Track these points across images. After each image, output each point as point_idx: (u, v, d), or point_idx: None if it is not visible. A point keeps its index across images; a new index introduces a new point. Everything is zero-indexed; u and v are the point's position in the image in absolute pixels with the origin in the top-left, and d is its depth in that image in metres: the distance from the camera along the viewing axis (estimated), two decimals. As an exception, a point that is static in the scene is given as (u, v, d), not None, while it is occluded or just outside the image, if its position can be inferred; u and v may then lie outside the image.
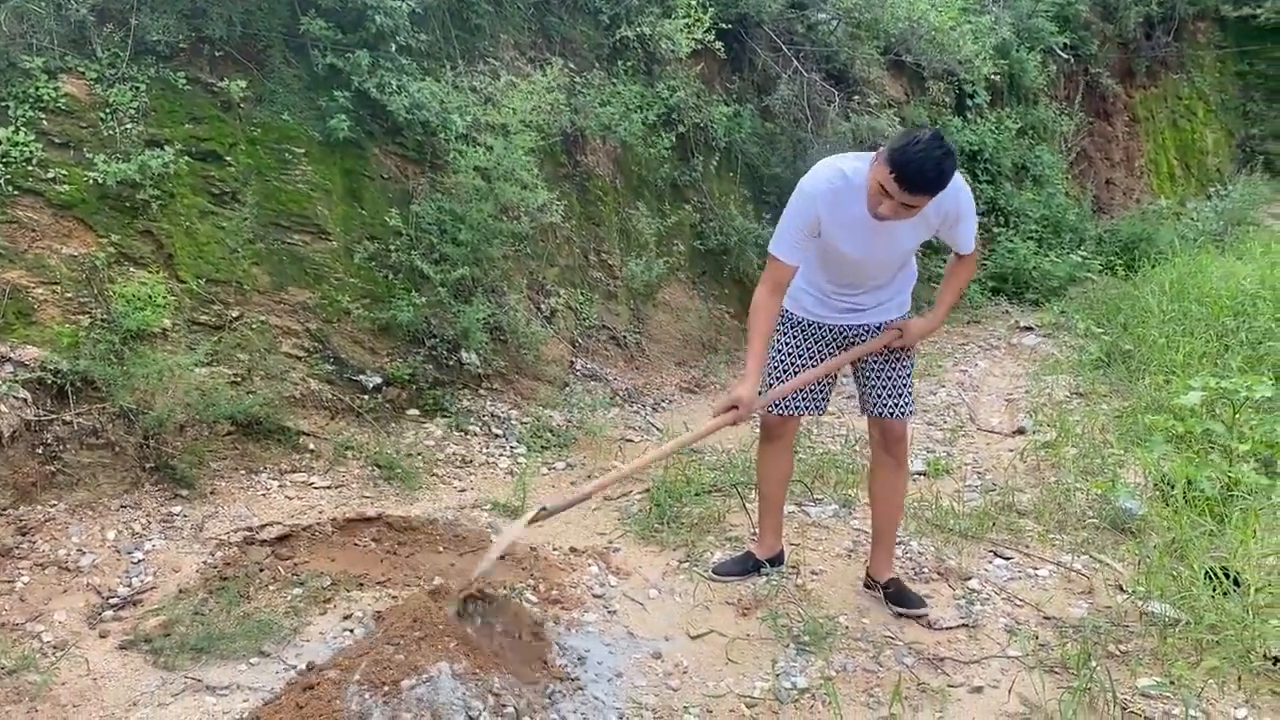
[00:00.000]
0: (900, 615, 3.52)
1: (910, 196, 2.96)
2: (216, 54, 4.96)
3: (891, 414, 3.52)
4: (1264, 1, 13.82)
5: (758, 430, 3.81)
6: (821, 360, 3.51)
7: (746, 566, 3.78)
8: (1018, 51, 10.03)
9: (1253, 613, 3.30)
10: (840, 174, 3.16)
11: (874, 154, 3.09)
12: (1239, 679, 3.09)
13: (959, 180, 3.14)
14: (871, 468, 3.70)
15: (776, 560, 3.80)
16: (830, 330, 3.52)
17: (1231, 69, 14.71)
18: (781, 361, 3.56)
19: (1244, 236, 10.47)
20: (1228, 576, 3.50)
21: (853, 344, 3.52)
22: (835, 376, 3.63)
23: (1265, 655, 3.17)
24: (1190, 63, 13.82)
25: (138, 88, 4.65)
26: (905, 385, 3.54)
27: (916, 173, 2.91)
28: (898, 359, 3.52)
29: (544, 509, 3.08)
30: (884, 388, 3.51)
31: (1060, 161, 10.49)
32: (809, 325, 3.54)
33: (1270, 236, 10.22)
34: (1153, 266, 8.86)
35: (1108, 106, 12.19)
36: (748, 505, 4.32)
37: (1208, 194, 12.58)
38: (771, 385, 3.52)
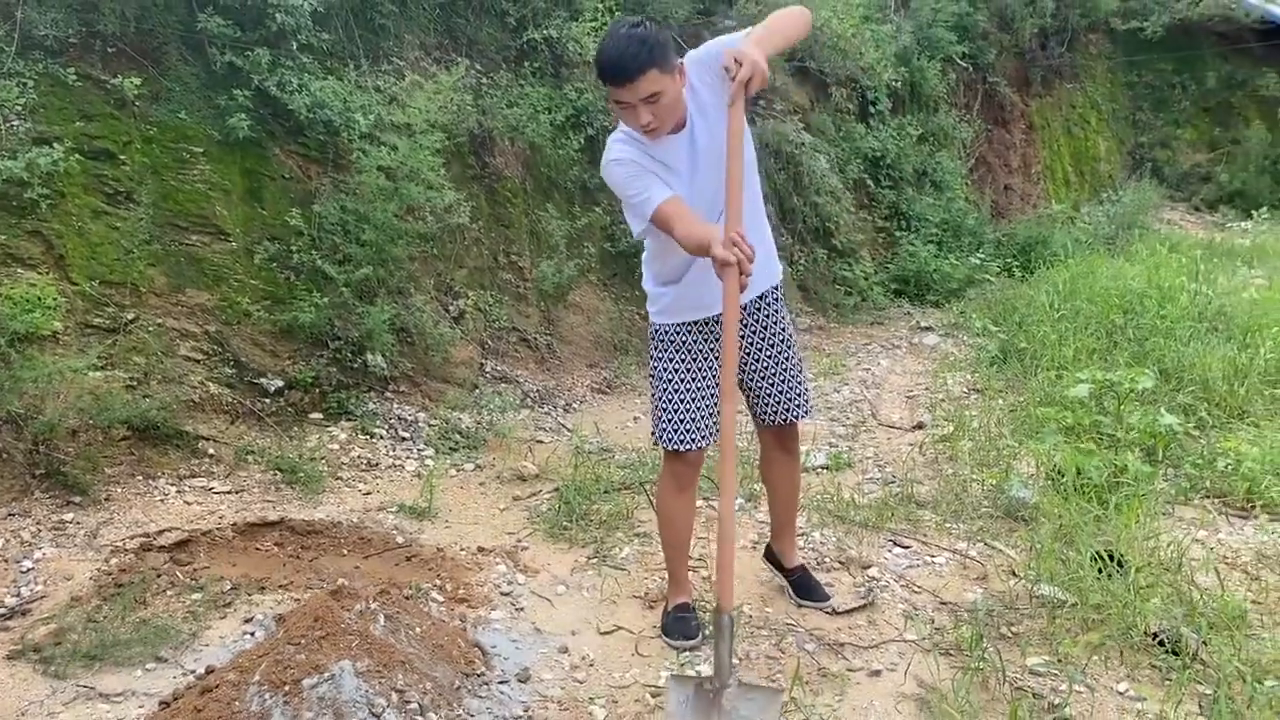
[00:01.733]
0: (802, 606, 3.58)
1: (628, 87, 2.79)
2: (109, 50, 4.84)
3: (793, 418, 3.39)
4: (1150, 16, 14.43)
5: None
6: (712, 364, 3.21)
7: (691, 621, 3.39)
8: (918, 60, 10.32)
9: (1135, 592, 3.45)
10: (621, 132, 3.00)
11: None
12: (1121, 654, 3.23)
13: (701, 49, 3.00)
14: (766, 461, 3.59)
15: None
16: (704, 325, 3.21)
17: (1121, 80, 15.32)
18: (670, 392, 3.21)
19: (1134, 239, 10.92)
20: (1112, 559, 3.65)
21: (745, 340, 3.27)
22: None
23: (1146, 632, 3.31)
24: (1083, 73, 14.35)
25: (25, 84, 4.51)
26: (798, 380, 3.36)
27: (607, 60, 2.79)
28: (783, 354, 3.31)
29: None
30: (778, 390, 3.33)
31: (960, 167, 10.81)
32: (687, 330, 3.21)
33: (1157, 239, 10.67)
34: (1048, 268, 9.18)
35: (1005, 114, 12.60)
36: (655, 502, 4.36)
37: (1100, 199, 13.07)
38: (671, 420, 3.21)
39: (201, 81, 5.10)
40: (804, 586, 3.63)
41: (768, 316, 3.30)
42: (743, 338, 3.26)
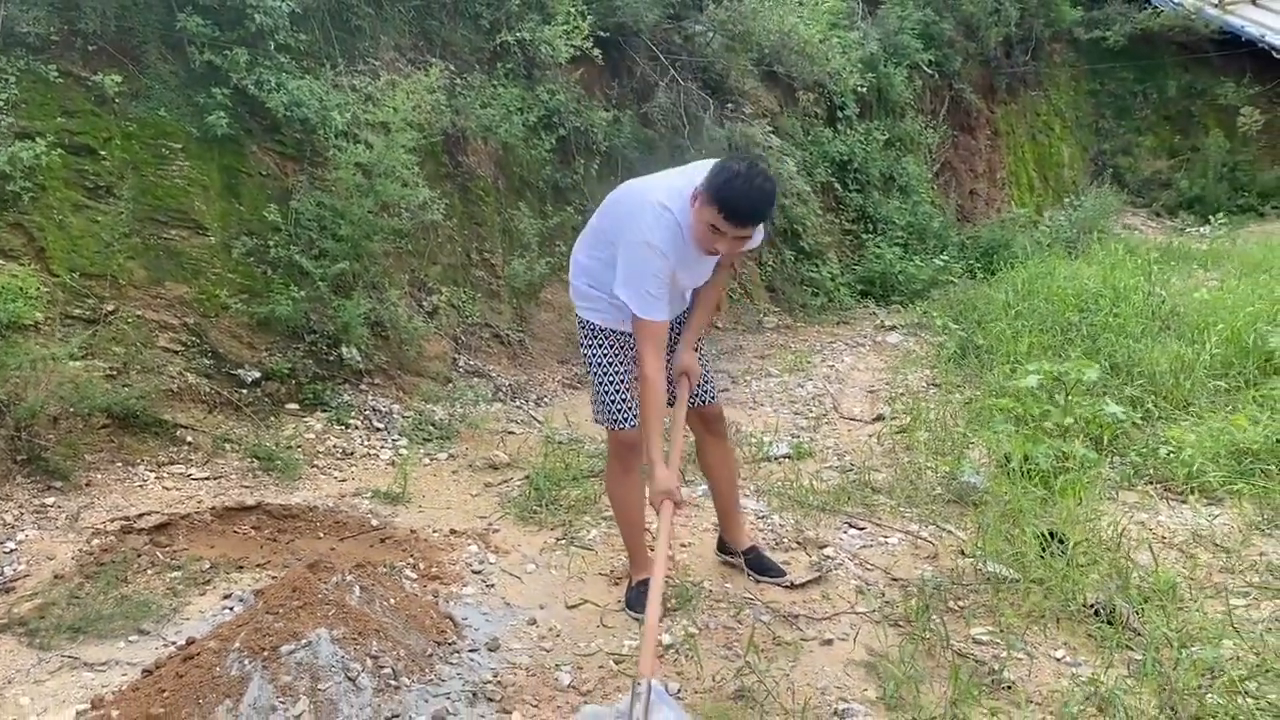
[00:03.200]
0: (760, 583, 3.75)
1: (743, 230, 3.03)
2: (90, 48, 4.95)
3: (706, 400, 3.66)
4: (1113, 25, 14.77)
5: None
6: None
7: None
8: (885, 66, 10.54)
9: (1074, 566, 3.65)
10: (676, 224, 3.15)
11: (686, 186, 3.14)
12: (1059, 623, 3.42)
13: None
14: (700, 449, 3.81)
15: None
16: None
17: (1085, 88, 15.66)
18: (613, 377, 3.46)
19: (1093, 243, 11.19)
20: (1054, 538, 3.85)
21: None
22: None
23: (1083, 604, 3.51)
24: (1047, 81, 14.66)
25: (7, 80, 4.62)
26: (708, 373, 3.68)
27: (747, 207, 2.97)
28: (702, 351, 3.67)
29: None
30: (702, 378, 3.63)
31: (925, 172, 11.04)
32: (618, 334, 3.43)
33: (1116, 242, 10.94)
34: (1009, 270, 9.42)
35: (971, 121, 12.86)
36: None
37: (1063, 204, 13.36)
38: (614, 403, 3.45)
39: (181, 80, 5.22)
40: (759, 564, 3.80)
41: (675, 327, 3.54)
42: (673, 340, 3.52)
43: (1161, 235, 13.33)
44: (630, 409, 3.44)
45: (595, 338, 3.49)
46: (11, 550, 3.81)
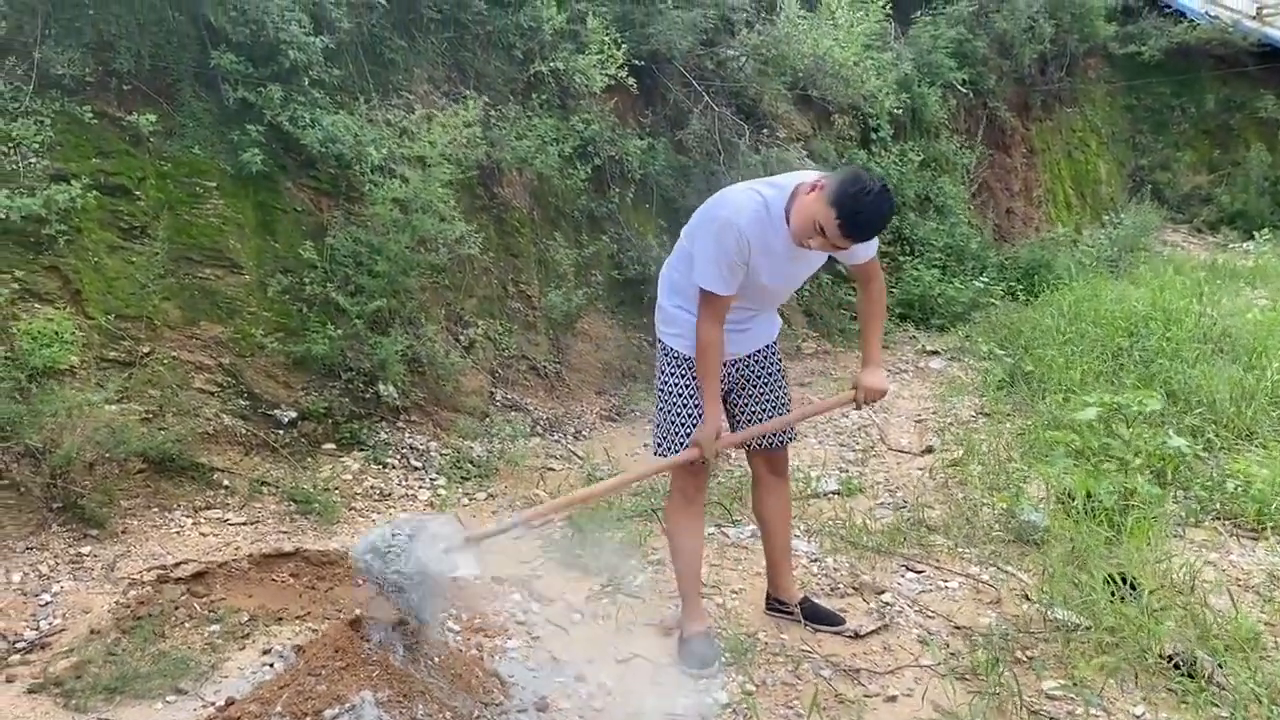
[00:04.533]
0: (818, 632, 3.60)
1: (846, 241, 2.99)
2: (125, 87, 4.91)
3: (778, 443, 3.53)
4: (1148, 40, 14.54)
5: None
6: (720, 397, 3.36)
7: (713, 648, 3.42)
8: (919, 86, 10.39)
9: (1148, 614, 3.47)
10: (763, 204, 3.10)
11: (790, 182, 3.10)
12: (1136, 678, 3.24)
13: None
14: (758, 492, 3.66)
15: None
16: (722, 366, 3.35)
17: (1120, 103, 15.41)
18: (687, 407, 3.35)
19: (1136, 262, 10.97)
20: (1125, 582, 3.67)
21: (740, 373, 3.46)
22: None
23: (1160, 655, 3.33)
24: (1082, 97, 14.44)
25: (42, 122, 4.57)
26: (787, 411, 3.53)
27: (866, 224, 2.93)
28: (774, 381, 3.52)
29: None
30: (766, 418, 3.47)
31: (962, 192, 10.86)
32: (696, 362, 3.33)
33: (1160, 262, 10.72)
34: (1052, 291, 9.22)
35: (1006, 139, 12.67)
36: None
37: (1102, 222, 13.13)
38: (681, 434, 3.34)
39: (215, 117, 5.17)
40: (815, 613, 3.65)
41: (766, 359, 3.53)
42: (743, 376, 3.49)
43: (1204, 252, 13.06)
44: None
45: (675, 364, 3.40)
46: (48, 603, 3.73)
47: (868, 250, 3.32)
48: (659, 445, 3.46)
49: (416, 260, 5.42)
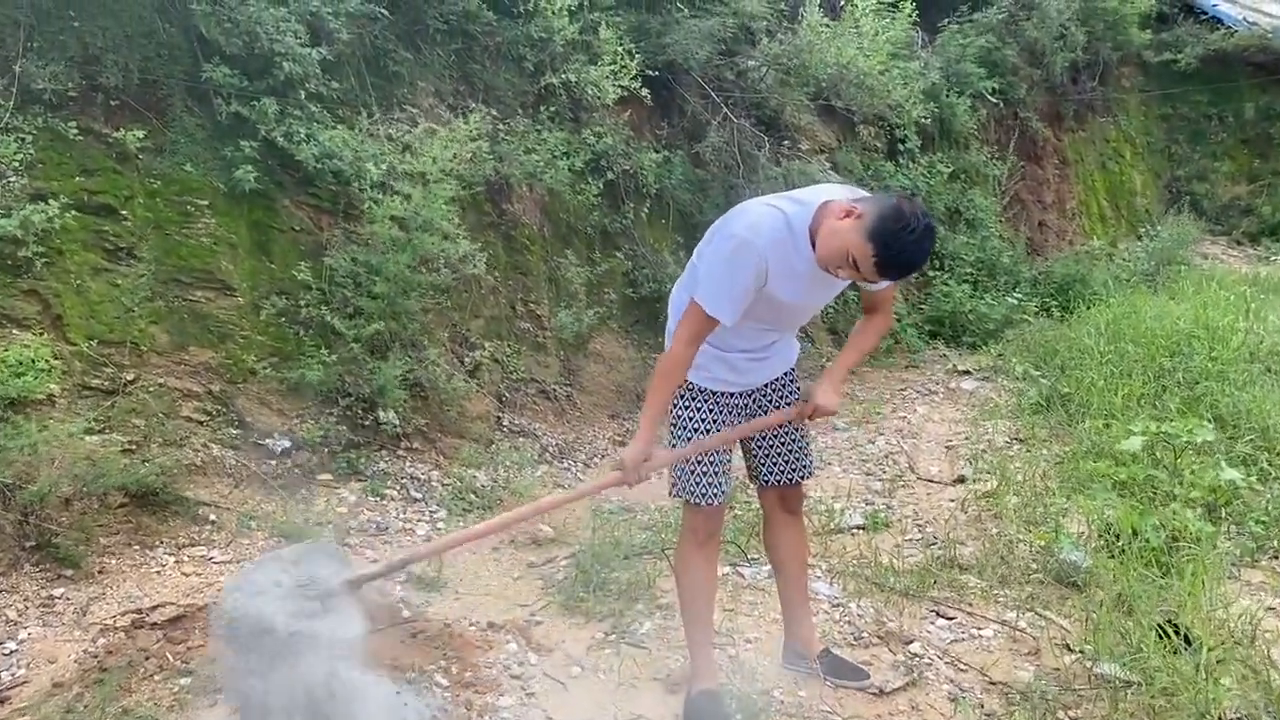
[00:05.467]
0: (839, 688, 3.29)
1: (884, 280, 2.76)
2: (112, 103, 4.71)
3: (795, 479, 3.25)
4: (1184, 47, 14.14)
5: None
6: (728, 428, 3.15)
7: (723, 708, 3.14)
8: (947, 96, 10.08)
9: (1206, 673, 3.13)
10: (785, 223, 2.79)
11: (814, 197, 2.82)
12: (1195, 746, 2.92)
13: None
14: (770, 531, 3.37)
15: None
16: (737, 397, 3.15)
17: (1155, 112, 15.00)
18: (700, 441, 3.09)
19: (1175, 276, 10.56)
20: (1177, 632, 3.34)
21: (757, 404, 3.20)
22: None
23: (1221, 719, 3.00)
24: (1116, 106, 14.05)
25: (23, 139, 4.38)
26: (806, 444, 3.27)
27: (906, 265, 2.66)
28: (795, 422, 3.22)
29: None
30: (783, 452, 3.21)
31: (993, 205, 10.52)
32: (719, 396, 3.11)
33: (1201, 275, 10.31)
34: (1088, 307, 8.85)
35: (1038, 150, 12.31)
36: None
37: (1138, 234, 12.73)
38: (699, 474, 3.08)
39: (207, 133, 4.96)
40: (836, 667, 3.34)
41: (784, 388, 3.23)
42: (760, 408, 3.21)
43: (1245, 265, 12.61)
44: (718, 484, 3.10)
45: (689, 399, 3.10)
46: (12, 652, 3.49)
47: (876, 288, 3.03)
48: (673, 486, 3.18)
49: (417, 280, 5.18)
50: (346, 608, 2.74)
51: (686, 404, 3.12)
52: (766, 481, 3.26)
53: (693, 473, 3.09)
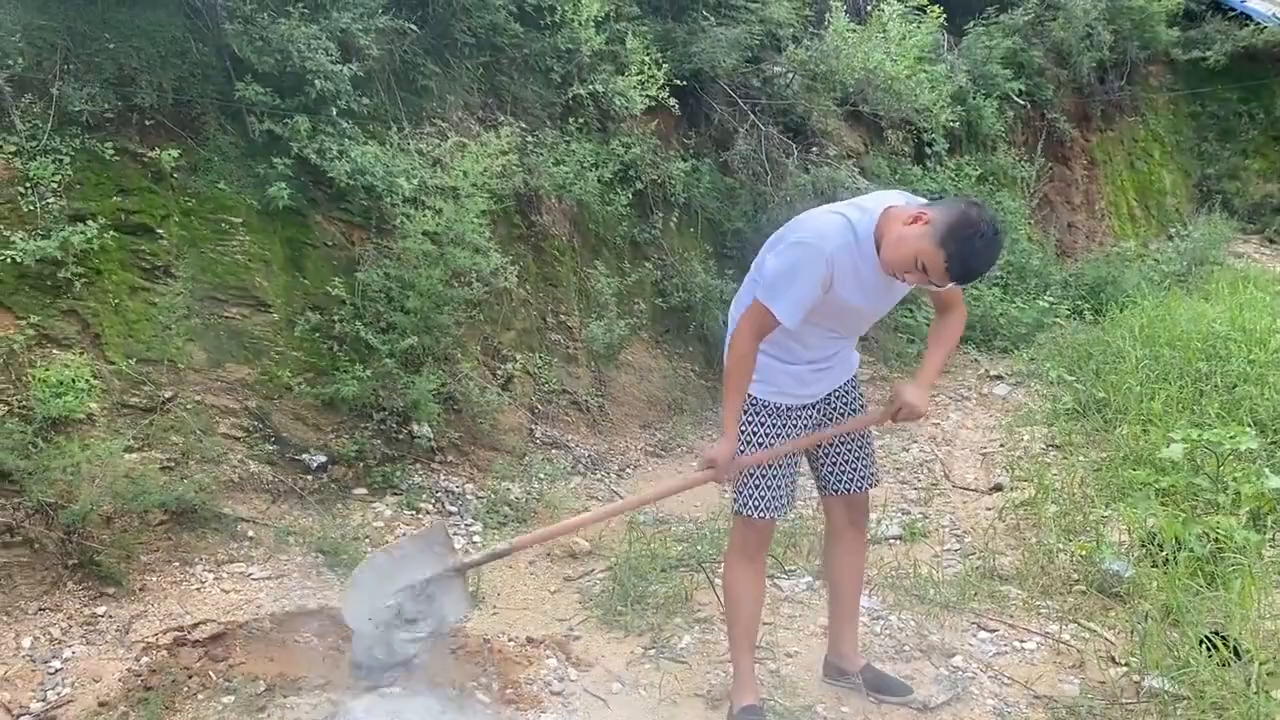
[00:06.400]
0: (882, 704, 3.26)
1: (953, 283, 2.77)
2: (147, 123, 4.74)
3: (864, 486, 3.28)
4: (1212, 45, 13.98)
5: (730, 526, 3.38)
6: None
7: None
8: (974, 99, 10.02)
9: (1257, 685, 3.08)
10: (851, 231, 2.84)
11: (876, 205, 2.86)
12: (1248, 763, 2.87)
13: None
14: (835, 546, 3.37)
15: None
16: (803, 410, 3.15)
17: (1185, 110, 14.83)
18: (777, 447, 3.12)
19: (1208, 276, 10.44)
20: (1226, 644, 3.29)
21: (823, 414, 3.20)
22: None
23: (1274, 734, 2.95)
24: (1144, 105, 13.91)
25: (61, 160, 4.41)
26: (872, 451, 3.32)
27: (976, 270, 2.74)
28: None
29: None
30: (851, 459, 3.24)
31: (1022, 206, 10.44)
32: (785, 410, 3.11)
33: (1235, 275, 10.18)
34: (1120, 310, 8.76)
35: (1066, 151, 12.21)
36: (715, 582, 4.07)
37: (1169, 234, 12.60)
38: (759, 488, 3.10)
39: (240, 151, 4.99)
40: (878, 682, 3.32)
41: (848, 395, 3.27)
42: (827, 418, 3.22)
43: (1278, 264, 12.45)
44: (777, 499, 3.13)
45: (756, 413, 3.10)
46: (57, 670, 3.52)
47: (944, 292, 3.06)
48: (736, 500, 3.18)
49: (450, 295, 5.18)
50: (454, 590, 3.13)
51: (752, 418, 3.12)
52: (836, 490, 3.26)
53: (757, 486, 3.11)
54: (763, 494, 3.11)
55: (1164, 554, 4.01)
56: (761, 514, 3.12)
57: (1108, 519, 4.56)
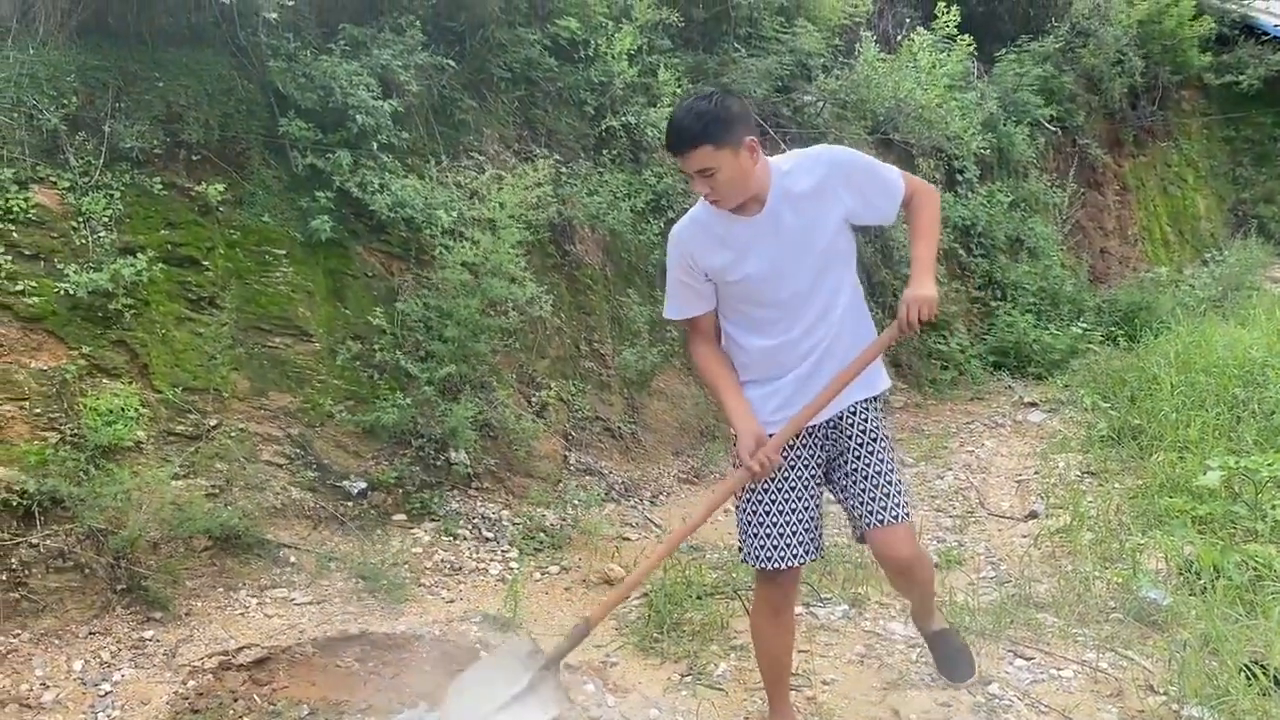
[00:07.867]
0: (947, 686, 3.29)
1: (681, 159, 2.72)
2: (194, 158, 4.89)
3: (893, 518, 2.91)
4: (1245, 69, 13.93)
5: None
6: (801, 472, 2.95)
7: None
8: (1005, 125, 10.06)
9: (1298, 716, 3.07)
10: (695, 211, 2.90)
11: None
12: (1290, 793, 2.86)
13: (818, 148, 2.93)
14: (895, 588, 3.31)
15: None
16: (807, 437, 2.94)
17: (1218, 135, 14.76)
18: (754, 502, 2.94)
19: (1244, 302, 10.36)
20: (1266, 674, 3.28)
21: (834, 441, 2.97)
22: (820, 503, 3.02)
23: (1316, 764, 2.94)
24: (1177, 130, 13.87)
25: (111, 195, 4.55)
26: (893, 478, 2.96)
27: (671, 130, 2.72)
28: (871, 452, 2.95)
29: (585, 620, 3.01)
30: (866, 485, 2.93)
31: (1054, 233, 10.44)
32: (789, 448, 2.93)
33: (1272, 301, 10.09)
34: (1155, 336, 8.72)
35: (1098, 176, 12.20)
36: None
37: (1203, 259, 12.52)
38: (754, 533, 2.94)
39: (284, 184, 5.12)
40: (945, 656, 3.46)
41: (864, 422, 2.98)
42: (834, 442, 2.99)
43: (1317, 289, 12.33)
44: (780, 545, 2.90)
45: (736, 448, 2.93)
46: (107, 693, 3.59)
47: (886, 184, 2.91)
48: (740, 549, 3.06)
49: (487, 324, 5.27)
50: (548, 690, 2.98)
51: (732, 453, 2.98)
52: (868, 525, 2.95)
53: (757, 536, 2.93)
54: (761, 541, 2.92)
55: (1202, 582, 3.99)
56: (764, 563, 2.93)
57: (1144, 547, 4.54)
